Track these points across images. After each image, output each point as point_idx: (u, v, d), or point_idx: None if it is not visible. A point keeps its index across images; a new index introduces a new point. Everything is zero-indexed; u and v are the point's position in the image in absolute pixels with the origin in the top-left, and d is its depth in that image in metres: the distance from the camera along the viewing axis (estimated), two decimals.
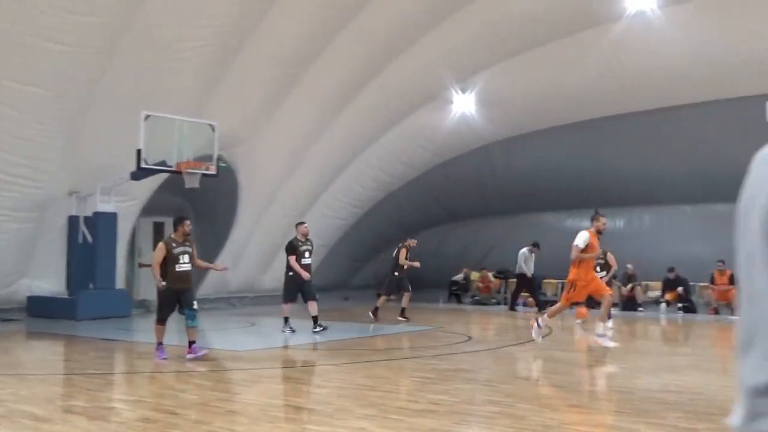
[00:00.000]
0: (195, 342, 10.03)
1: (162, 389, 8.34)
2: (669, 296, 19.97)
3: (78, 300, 16.26)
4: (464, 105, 21.52)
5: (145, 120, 15.06)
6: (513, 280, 23.31)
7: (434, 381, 8.82)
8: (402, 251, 16.40)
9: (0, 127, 14.29)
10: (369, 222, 24.25)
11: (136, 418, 6.55)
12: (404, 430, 6.16)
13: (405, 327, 15.09)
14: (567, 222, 23.97)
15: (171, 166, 15.78)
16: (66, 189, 16.70)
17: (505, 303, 22.88)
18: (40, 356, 11.63)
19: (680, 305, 19.57)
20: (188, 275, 10.21)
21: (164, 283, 9.91)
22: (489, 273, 23.81)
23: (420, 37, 18.50)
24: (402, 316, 15.85)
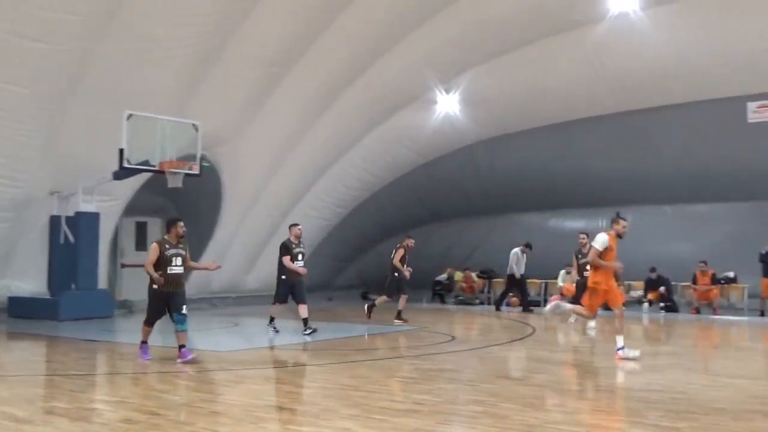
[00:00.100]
0: (185, 346, 9.93)
1: (145, 390, 8.30)
2: (651, 296, 20.12)
3: (60, 300, 16.15)
4: (448, 105, 21.57)
5: (128, 119, 14.99)
6: (497, 280, 23.41)
7: (418, 381, 8.83)
8: (399, 252, 16.08)
9: None
10: (353, 222, 24.24)
11: (119, 419, 6.52)
12: (388, 430, 6.16)
13: (389, 327, 15.08)
14: (551, 222, 24.11)
15: (154, 166, 15.71)
16: (47, 188, 16.59)
17: (489, 303, 22.95)
18: (21, 357, 11.53)
19: (662, 305, 19.72)
20: (180, 278, 10.04)
21: (159, 276, 9.70)
22: (472, 273, 23.88)
23: (403, 38, 18.52)
24: (398, 318, 15.74)
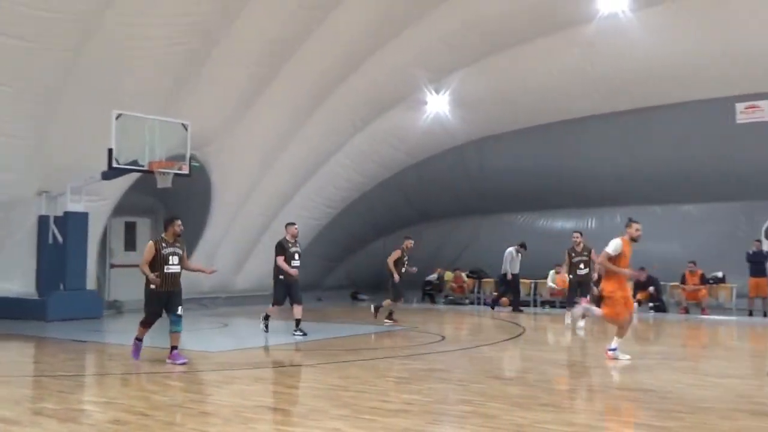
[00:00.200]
0: (177, 348, 9.87)
1: (133, 391, 8.27)
2: (640, 296, 20.17)
3: (48, 301, 16.07)
4: (438, 105, 21.58)
5: (117, 119, 14.92)
6: (486, 280, 23.46)
7: (408, 381, 8.83)
8: (394, 253, 15.91)
9: None
10: (342, 222, 24.22)
11: (107, 420, 6.49)
12: (378, 430, 6.17)
13: (378, 327, 15.09)
14: (540, 222, 24.17)
15: (143, 166, 15.65)
16: (35, 188, 16.52)
17: (479, 303, 23.00)
18: (9, 358, 11.46)
19: (651, 305, 19.78)
20: (177, 277, 9.90)
21: (155, 276, 9.58)
22: (462, 273, 23.92)
23: (393, 38, 18.52)
24: (389, 318, 15.70)
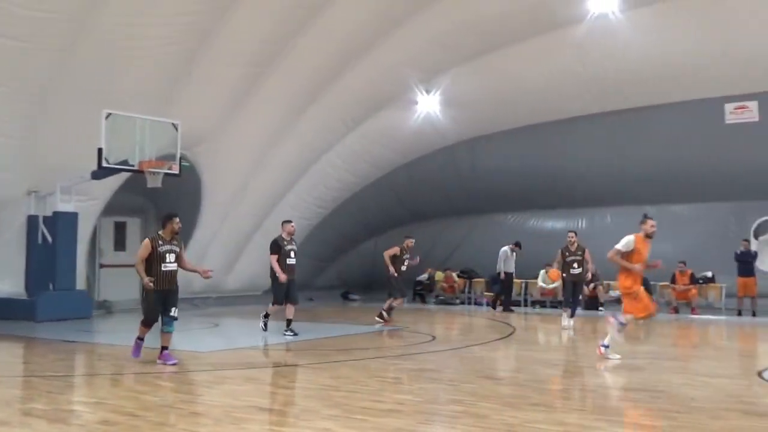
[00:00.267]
0: (167, 348, 9.83)
1: (123, 391, 8.24)
2: None
3: (37, 301, 16.00)
4: (429, 105, 21.58)
5: (107, 118, 14.86)
6: (477, 280, 23.48)
7: (399, 381, 8.83)
8: (391, 249, 15.90)
9: None
10: (333, 222, 24.21)
11: (97, 421, 6.46)
12: (369, 430, 6.16)
13: (370, 327, 15.10)
14: (531, 222, 24.22)
15: (133, 166, 15.60)
16: (24, 188, 16.44)
17: (470, 303, 23.03)
18: None
19: None
20: (174, 276, 9.79)
21: (149, 280, 9.49)
22: (453, 273, 23.94)
23: (384, 38, 18.52)
24: (380, 317, 15.69)
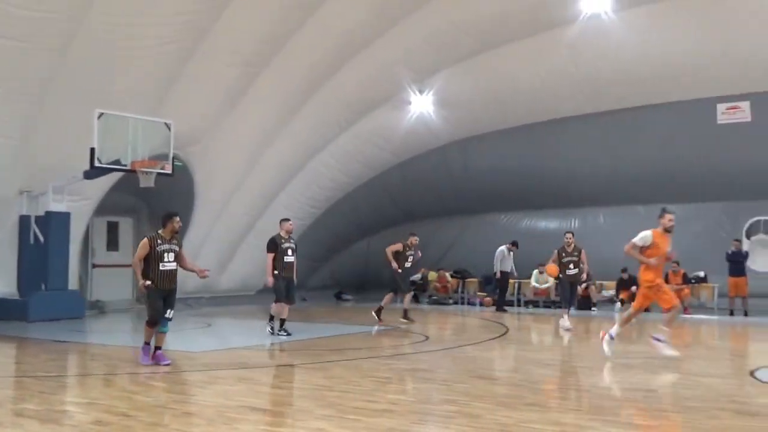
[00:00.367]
0: (161, 348, 9.80)
1: (116, 391, 8.20)
2: (623, 295, 20.30)
3: (29, 301, 15.95)
4: (422, 105, 21.59)
5: (99, 118, 14.82)
6: (470, 280, 23.50)
7: (392, 381, 8.83)
8: (394, 245, 15.84)
9: None
10: (326, 222, 24.19)
11: (89, 421, 6.44)
12: (362, 430, 6.15)
13: (363, 327, 15.09)
14: (523, 222, 24.24)
15: (125, 165, 15.57)
16: (17, 188, 16.38)
17: (463, 303, 23.04)
18: None
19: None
20: (173, 275, 9.70)
21: (148, 283, 9.42)
22: (446, 273, 23.95)
23: (378, 37, 18.50)
24: (405, 318, 15.56)
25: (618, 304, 20.14)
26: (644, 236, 10.18)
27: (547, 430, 6.15)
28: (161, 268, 9.56)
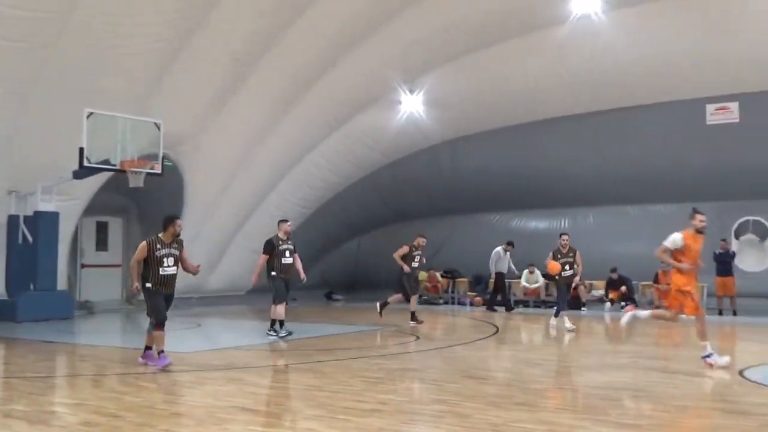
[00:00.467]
0: (151, 348, 9.75)
1: (105, 392, 8.18)
2: (613, 295, 20.36)
3: (18, 301, 15.87)
4: (412, 105, 21.60)
5: (88, 118, 14.76)
6: (460, 280, 23.51)
7: (382, 381, 8.82)
8: (401, 248, 15.83)
9: None
10: (317, 222, 24.17)
11: (78, 422, 6.41)
12: (352, 430, 6.15)
13: (353, 327, 15.08)
14: (514, 222, 24.28)
15: (115, 165, 15.51)
16: (5, 187, 16.29)
17: (453, 302, 23.06)
18: None
19: (623, 304, 19.94)
20: (173, 279, 9.66)
21: (138, 286, 9.37)
22: (437, 273, 23.94)
23: (367, 37, 18.51)
24: (413, 320, 15.53)
25: (608, 304, 20.20)
26: (674, 239, 9.74)
27: (537, 430, 6.16)
28: (161, 273, 9.53)
